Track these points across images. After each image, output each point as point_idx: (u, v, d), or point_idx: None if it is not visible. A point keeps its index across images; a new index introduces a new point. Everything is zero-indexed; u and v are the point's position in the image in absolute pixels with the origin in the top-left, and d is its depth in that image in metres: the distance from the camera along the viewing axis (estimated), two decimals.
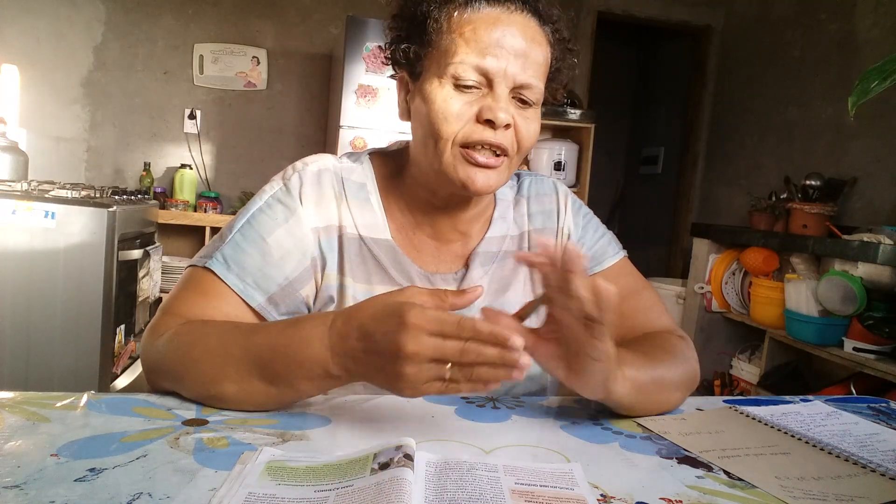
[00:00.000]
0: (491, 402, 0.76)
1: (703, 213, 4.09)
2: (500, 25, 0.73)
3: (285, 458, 0.54)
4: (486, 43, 0.72)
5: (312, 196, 0.80)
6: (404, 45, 0.78)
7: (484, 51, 0.72)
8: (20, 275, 2.03)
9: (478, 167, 0.74)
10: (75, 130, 3.37)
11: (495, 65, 0.72)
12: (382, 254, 0.81)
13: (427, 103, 0.74)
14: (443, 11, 0.75)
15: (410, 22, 0.78)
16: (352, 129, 2.99)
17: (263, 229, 0.77)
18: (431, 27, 0.75)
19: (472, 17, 0.73)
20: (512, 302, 0.86)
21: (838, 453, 0.65)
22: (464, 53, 0.72)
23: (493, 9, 0.74)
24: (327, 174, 0.82)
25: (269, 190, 0.81)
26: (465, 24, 0.73)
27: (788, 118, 3.38)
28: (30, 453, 0.52)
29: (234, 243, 0.76)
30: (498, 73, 0.72)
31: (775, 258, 2.80)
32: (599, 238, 0.92)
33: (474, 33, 0.73)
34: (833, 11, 3.15)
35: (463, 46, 0.73)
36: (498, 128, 0.73)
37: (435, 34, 0.75)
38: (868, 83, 0.60)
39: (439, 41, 0.75)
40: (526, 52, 0.73)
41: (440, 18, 0.75)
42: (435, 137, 0.74)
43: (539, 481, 0.53)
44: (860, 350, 2.26)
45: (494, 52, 0.72)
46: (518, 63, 0.73)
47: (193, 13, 3.47)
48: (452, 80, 0.73)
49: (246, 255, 0.75)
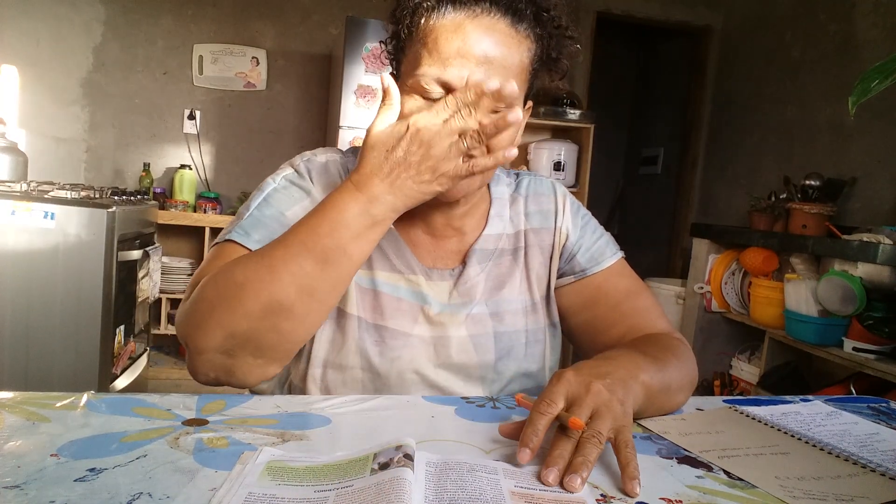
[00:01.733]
0: (491, 402, 0.76)
1: (702, 214, 4.10)
2: (461, 32, 0.71)
3: (285, 458, 0.54)
4: (447, 53, 0.71)
5: (322, 181, 0.82)
6: (389, 48, 0.80)
7: (445, 62, 0.71)
8: (20, 275, 2.03)
9: None
10: (75, 131, 3.37)
11: (456, 75, 0.71)
12: (385, 241, 0.82)
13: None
14: (413, 18, 0.75)
15: (393, 25, 0.79)
16: (351, 129, 2.99)
17: (282, 205, 0.78)
18: (404, 33, 0.76)
19: (435, 25, 0.73)
20: (508, 299, 0.87)
21: (838, 453, 0.65)
22: (426, 66, 0.72)
23: (458, 14, 0.72)
24: (334, 164, 0.84)
25: (281, 172, 0.82)
26: (428, 34, 0.73)
27: (788, 118, 3.38)
28: (30, 453, 0.52)
29: (252, 218, 0.77)
30: (460, 83, 0.71)
31: (775, 258, 2.80)
32: (597, 239, 0.92)
33: (436, 44, 0.72)
34: (833, 11, 3.16)
35: (426, 58, 0.72)
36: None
37: (406, 41, 0.76)
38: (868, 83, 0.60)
39: (409, 49, 0.76)
40: (489, 57, 0.71)
41: (410, 25, 0.75)
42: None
43: (539, 483, 0.53)
44: (860, 350, 2.26)
45: (455, 63, 0.71)
46: (481, 70, 0.71)
47: (193, 14, 3.47)
48: (418, 92, 0.73)
49: (265, 226, 0.76)
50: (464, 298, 0.84)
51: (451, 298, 0.84)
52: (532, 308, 0.89)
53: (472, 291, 0.85)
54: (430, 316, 0.83)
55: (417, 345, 0.81)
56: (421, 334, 0.82)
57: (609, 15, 3.99)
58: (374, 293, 0.81)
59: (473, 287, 0.85)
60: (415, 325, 0.82)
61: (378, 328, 0.81)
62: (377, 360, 0.80)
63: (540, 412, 0.58)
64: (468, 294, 0.85)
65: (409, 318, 0.82)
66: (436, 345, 0.82)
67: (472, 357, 0.83)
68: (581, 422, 0.56)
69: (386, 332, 0.81)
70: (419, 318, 0.82)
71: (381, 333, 0.80)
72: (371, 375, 0.80)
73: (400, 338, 0.81)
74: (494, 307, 0.86)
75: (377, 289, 0.81)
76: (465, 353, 0.83)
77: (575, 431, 0.56)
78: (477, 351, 0.84)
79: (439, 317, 0.83)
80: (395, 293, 0.82)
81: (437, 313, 0.83)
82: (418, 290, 0.83)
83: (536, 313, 0.89)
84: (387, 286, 0.82)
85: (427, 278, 0.84)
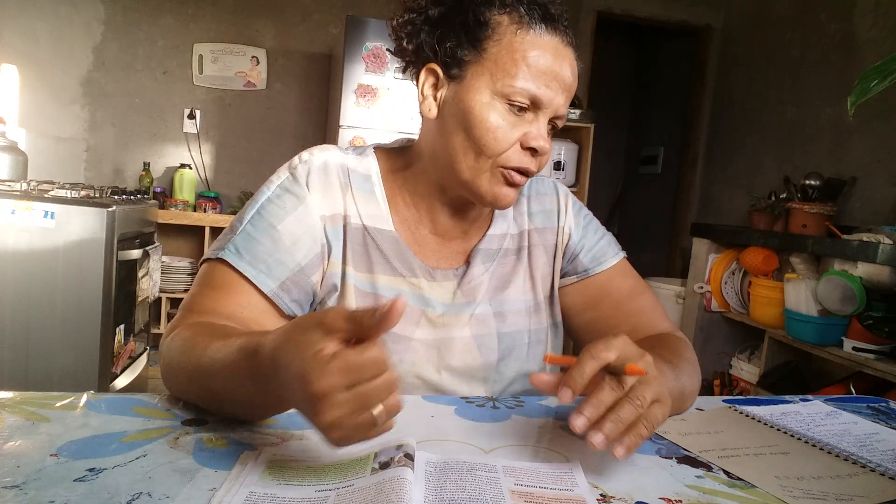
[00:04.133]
0: (491, 402, 0.76)
1: (702, 213, 4.09)
2: (559, 58, 0.74)
3: (286, 457, 0.54)
4: (545, 73, 0.73)
5: (319, 184, 0.80)
6: (449, 40, 0.75)
7: (541, 80, 0.73)
8: (20, 275, 2.03)
9: (511, 186, 0.77)
10: (74, 130, 3.37)
11: (549, 97, 0.74)
12: (386, 244, 0.82)
13: (474, 115, 0.74)
14: (502, 24, 0.74)
15: (451, 12, 0.76)
16: (351, 128, 2.99)
17: (273, 218, 0.78)
18: (488, 36, 0.74)
19: (534, 41, 0.73)
20: (511, 299, 0.87)
21: (838, 453, 0.65)
22: (524, 80, 0.73)
23: (553, 38, 0.75)
24: (333, 164, 0.82)
25: (276, 180, 0.81)
26: (528, 48, 0.73)
27: (788, 118, 3.38)
28: (29, 453, 0.52)
29: (245, 233, 0.77)
30: (548, 105, 0.74)
31: (775, 258, 2.80)
32: (600, 239, 0.93)
33: (537, 61, 0.73)
34: (833, 11, 3.16)
35: (525, 71, 0.73)
36: (538, 155, 0.76)
37: (492, 45, 0.74)
38: (868, 82, 0.60)
39: (497, 55, 0.74)
40: (571, 86, 0.76)
41: (499, 31, 0.74)
42: (477, 152, 0.75)
43: (539, 482, 0.53)
44: (859, 350, 2.26)
45: (550, 84, 0.74)
46: (564, 97, 0.76)
47: (193, 13, 3.46)
48: (506, 99, 0.74)
49: (257, 243, 0.76)
50: (468, 298, 0.84)
51: (455, 298, 0.84)
52: (535, 308, 0.89)
53: (475, 291, 0.85)
54: (433, 318, 0.82)
55: (419, 348, 0.81)
56: (423, 338, 0.82)
57: (609, 14, 3.99)
58: (375, 297, 0.80)
59: (477, 287, 0.85)
60: (416, 329, 0.81)
61: None
62: None
63: (592, 356, 0.56)
64: (472, 294, 0.85)
65: (410, 321, 0.81)
66: (439, 347, 0.82)
67: (475, 358, 0.83)
68: (640, 368, 0.54)
69: (387, 337, 0.80)
70: (421, 322, 0.82)
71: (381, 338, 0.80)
72: None
73: (401, 342, 0.80)
74: (498, 307, 0.86)
75: (377, 292, 0.81)
76: (468, 354, 0.83)
77: (619, 388, 0.54)
78: (480, 351, 0.84)
79: (443, 318, 0.83)
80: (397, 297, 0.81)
81: (441, 314, 0.83)
82: (420, 294, 0.83)
83: (539, 313, 0.89)
84: (387, 290, 0.81)
85: (430, 279, 0.84)
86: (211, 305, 0.73)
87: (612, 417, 0.53)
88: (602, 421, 0.53)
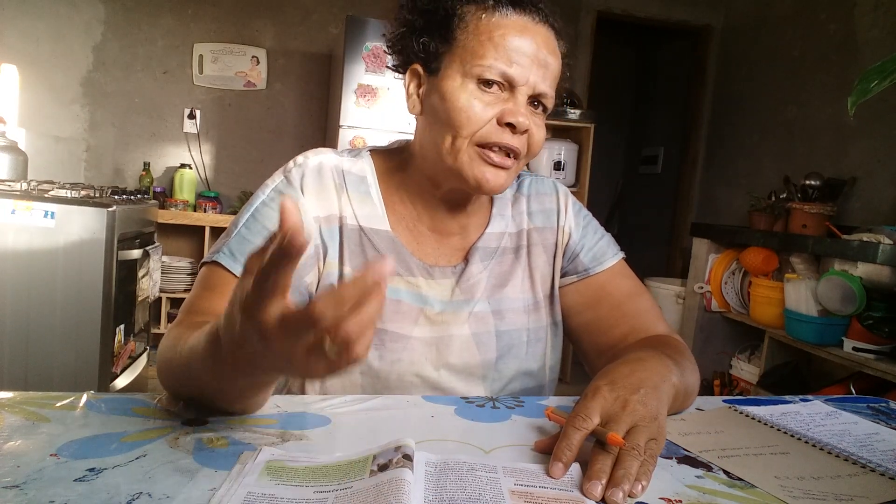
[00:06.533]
0: (491, 402, 0.76)
1: (702, 213, 4.09)
2: (528, 35, 0.76)
3: (285, 458, 0.54)
4: (513, 50, 0.75)
5: (313, 187, 0.81)
6: (423, 38, 0.78)
7: (511, 57, 0.75)
8: (20, 275, 2.03)
9: (492, 166, 0.76)
10: (74, 130, 3.37)
11: (520, 72, 0.75)
12: (382, 244, 0.82)
13: (447, 100, 0.76)
14: (470, 12, 0.77)
15: (430, 16, 0.79)
16: (352, 128, 2.99)
17: (267, 220, 0.79)
18: (456, 25, 0.77)
19: (500, 21, 0.76)
20: (510, 297, 0.87)
21: (838, 453, 0.65)
22: (492, 58, 0.74)
23: (521, 17, 0.76)
24: (328, 166, 0.83)
25: (270, 183, 0.82)
26: (494, 28, 0.75)
27: (788, 118, 3.38)
28: (29, 453, 0.52)
29: (239, 236, 0.78)
30: (521, 81, 0.75)
31: (775, 258, 2.80)
32: (599, 239, 0.93)
33: (503, 39, 0.75)
34: (833, 11, 3.15)
35: (492, 51, 0.74)
36: (517, 132, 0.75)
37: (460, 33, 0.77)
38: (868, 83, 0.60)
39: (465, 41, 0.76)
40: (546, 62, 0.77)
41: (466, 18, 0.77)
42: (453, 134, 0.76)
43: (538, 482, 0.53)
44: (860, 350, 2.26)
45: (520, 60, 0.75)
46: (539, 73, 0.76)
47: (193, 13, 3.46)
48: (477, 81, 0.75)
49: (252, 245, 0.77)
50: (466, 296, 0.85)
51: (454, 296, 0.84)
52: (534, 307, 0.89)
53: (474, 289, 0.85)
54: (431, 317, 0.83)
55: (417, 347, 0.81)
56: (421, 336, 0.82)
57: (609, 14, 3.99)
58: None
59: (475, 284, 0.85)
60: (414, 327, 0.82)
61: (377, 331, 0.80)
62: (377, 363, 0.80)
63: (575, 427, 0.58)
64: (470, 291, 0.85)
65: (408, 320, 0.81)
66: (437, 345, 0.82)
67: (474, 356, 0.84)
68: (620, 438, 0.56)
69: (385, 335, 0.80)
70: (419, 320, 0.82)
71: (380, 337, 0.80)
72: (371, 379, 0.80)
73: (400, 340, 0.81)
74: (496, 305, 0.86)
75: None
76: (467, 351, 0.83)
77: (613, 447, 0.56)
78: (479, 349, 0.84)
79: (441, 316, 0.83)
80: (395, 295, 0.82)
81: (439, 312, 0.83)
82: (418, 293, 0.83)
83: (538, 312, 0.90)
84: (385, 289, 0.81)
85: (428, 277, 0.84)
86: (207, 307, 0.74)
87: (620, 475, 0.53)
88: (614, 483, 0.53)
